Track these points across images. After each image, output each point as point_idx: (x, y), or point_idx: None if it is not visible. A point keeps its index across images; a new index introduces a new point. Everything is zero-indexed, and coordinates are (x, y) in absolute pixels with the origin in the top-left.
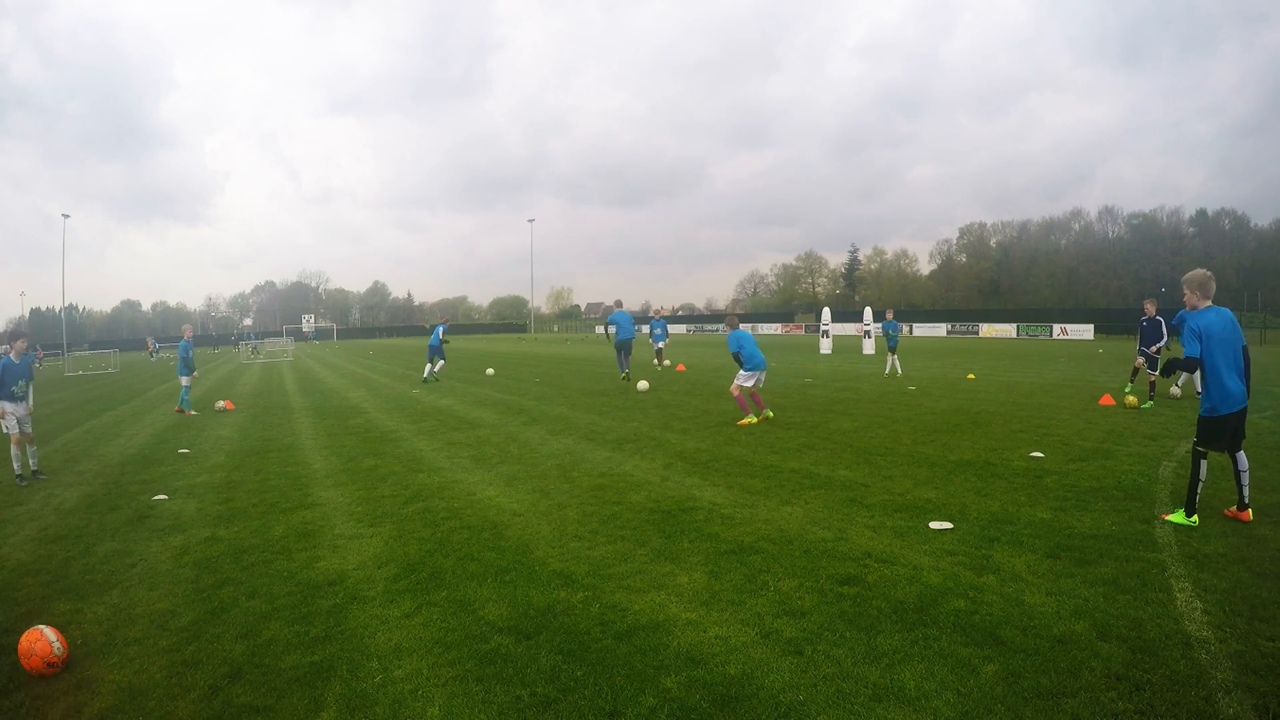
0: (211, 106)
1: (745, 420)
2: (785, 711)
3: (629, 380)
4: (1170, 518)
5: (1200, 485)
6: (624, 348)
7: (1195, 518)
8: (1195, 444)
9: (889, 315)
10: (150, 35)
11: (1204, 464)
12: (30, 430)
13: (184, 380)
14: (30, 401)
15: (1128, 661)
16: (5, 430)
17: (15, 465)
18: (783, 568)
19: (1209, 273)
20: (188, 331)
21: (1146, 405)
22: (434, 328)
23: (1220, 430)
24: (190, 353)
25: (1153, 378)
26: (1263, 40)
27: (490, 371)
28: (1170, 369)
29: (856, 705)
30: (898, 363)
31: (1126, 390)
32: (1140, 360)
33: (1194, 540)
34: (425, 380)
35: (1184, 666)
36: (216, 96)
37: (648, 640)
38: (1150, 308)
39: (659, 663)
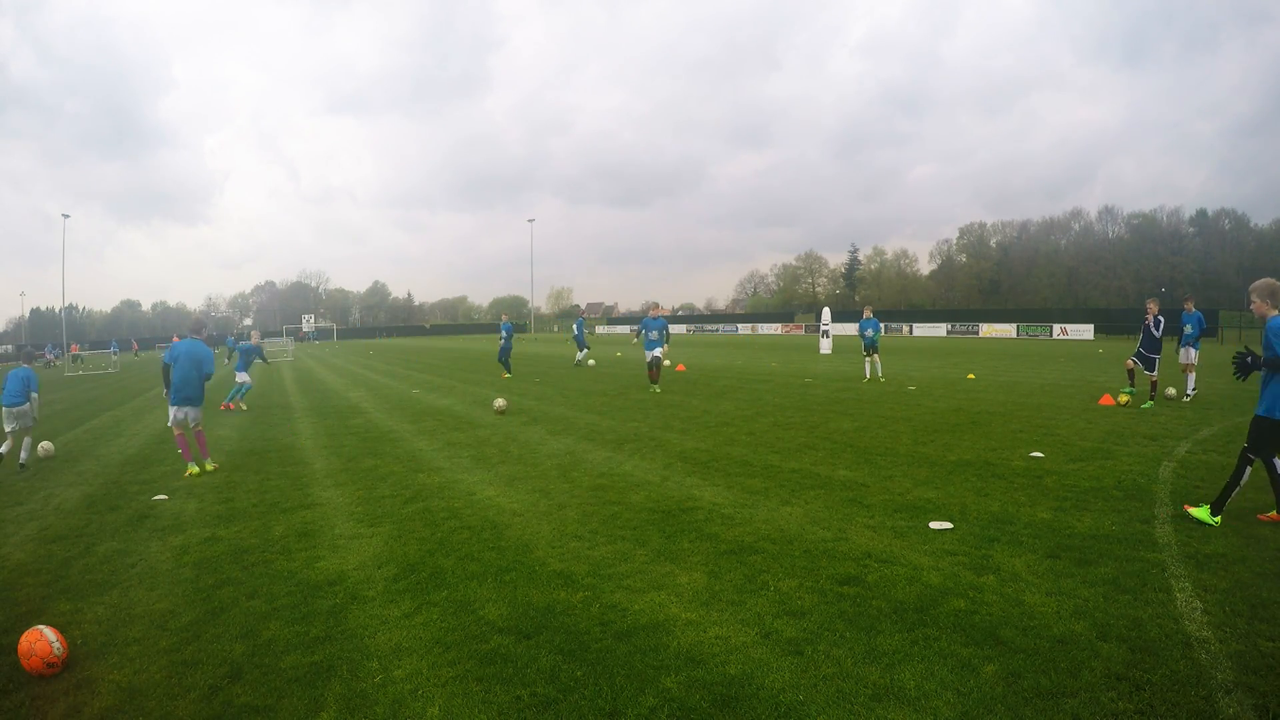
0: (210, 105)
1: (190, 471)
2: (785, 711)
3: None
4: (1194, 511)
5: (1238, 490)
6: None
7: (1219, 519)
8: (1246, 448)
9: (867, 313)
10: (148, 33)
11: (1249, 469)
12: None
13: (241, 377)
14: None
15: (1128, 661)
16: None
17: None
18: (783, 568)
19: (1276, 280)
20: (255, 336)
21: (1146, 405)
22: (576, 321)
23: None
24: (253, 355)
25: (1153, 378)
26: (1265, 39)
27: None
28: (1248, 368)
29: (856, 705)
30: (879, 364)
31: (1128, 390)
32: (1131, 362)
33: (1194, 540)
34: (577, 364)
35: (1184, 666)
36: (215, 95)
37: (648, 640)
38: (1154, 307)
39: (659, 663)
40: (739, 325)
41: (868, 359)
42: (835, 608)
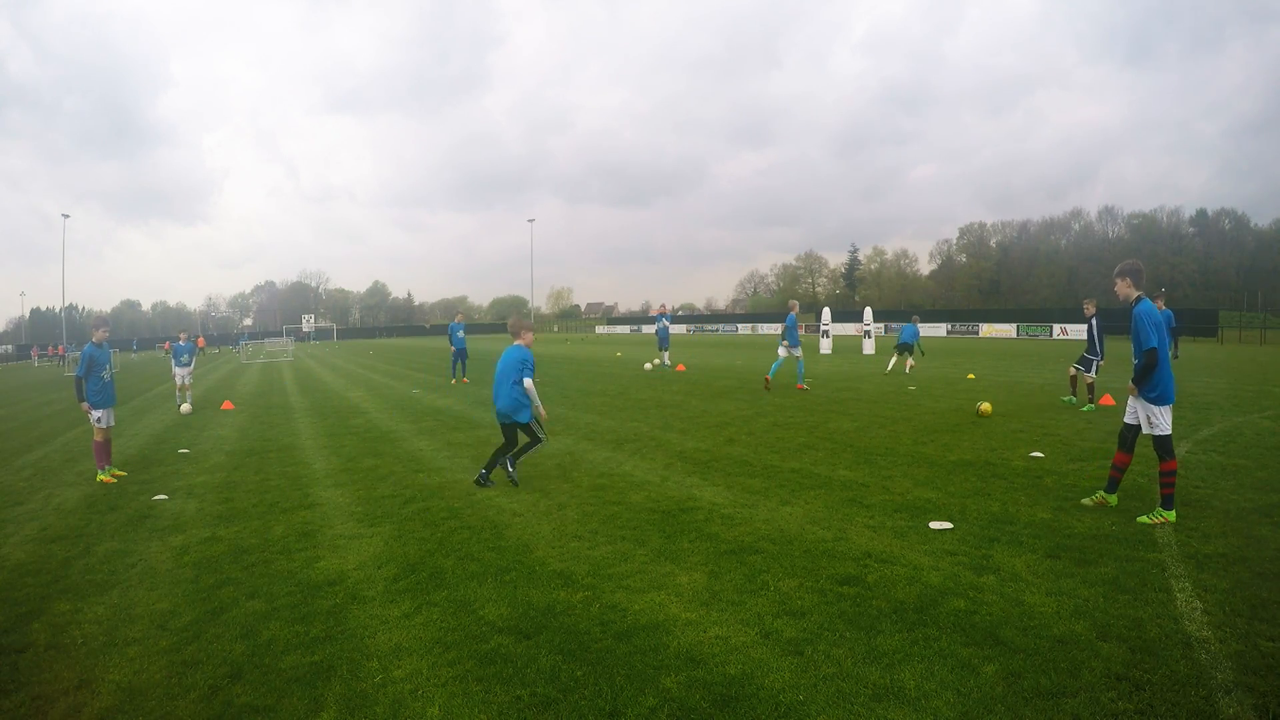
0: (208, 103)
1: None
2: (785, 711)
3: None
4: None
5: None
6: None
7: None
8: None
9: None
10: (145, 29)
11: None
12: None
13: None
14: None
15: (1128, 661)
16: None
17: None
18: (783, 568)
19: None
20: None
21: (1087, 409)
22: (660, 316)
23: None
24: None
25: (1090, 380)
26: (1270, 38)
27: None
28: None
29: (856, 705)
30: (906, 364)
31: (1076, 402)
32: (1074, 368)
33: (1194, 540)
34: (658, 366)
35: (1184, 666)
36: (213, 93)
37: (648, 640)
38: (1090, 308)
39: (659, 663)
40: (739, 325)
41: (904, 358)
42: (835, 608)
